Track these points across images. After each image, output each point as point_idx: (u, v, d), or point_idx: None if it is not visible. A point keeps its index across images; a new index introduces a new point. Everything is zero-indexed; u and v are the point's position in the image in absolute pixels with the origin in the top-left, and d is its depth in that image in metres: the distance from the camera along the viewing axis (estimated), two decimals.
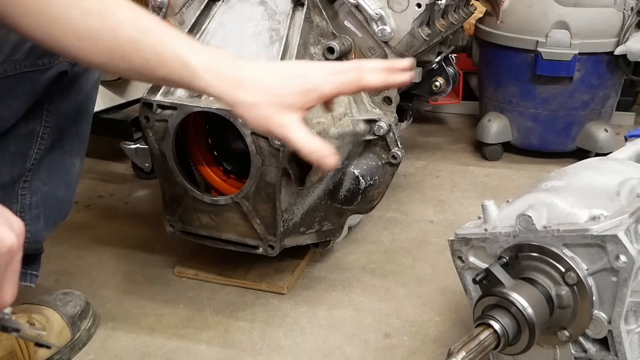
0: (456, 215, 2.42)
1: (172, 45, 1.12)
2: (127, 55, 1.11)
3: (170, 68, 1.12)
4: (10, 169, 1.48)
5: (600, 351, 1.31)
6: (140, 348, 1.69)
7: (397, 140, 1.82)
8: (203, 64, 1.12)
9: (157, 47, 1.11)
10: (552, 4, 2.72)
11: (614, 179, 1.39)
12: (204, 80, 1.12)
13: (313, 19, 1.77)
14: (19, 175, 1.50)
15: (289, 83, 1.16)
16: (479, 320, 1.20)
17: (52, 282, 1.90)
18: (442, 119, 3.58)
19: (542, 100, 2.83)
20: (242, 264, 1.97)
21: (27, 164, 1.50)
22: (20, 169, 1.50)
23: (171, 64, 1.12)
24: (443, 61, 2.44)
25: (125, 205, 2.52)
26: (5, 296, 0.80)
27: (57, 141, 1.53)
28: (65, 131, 1.56)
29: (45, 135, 1.51)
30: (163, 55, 1.11)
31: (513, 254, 1.31)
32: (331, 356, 1.66)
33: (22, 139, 1.48)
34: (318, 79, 1.17)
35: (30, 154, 1.50)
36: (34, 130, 1.49)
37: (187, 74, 1.12)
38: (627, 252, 1.18)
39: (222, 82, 1.13)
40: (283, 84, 1.16)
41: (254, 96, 1.14)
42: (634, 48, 2.66)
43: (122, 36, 1.10)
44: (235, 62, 1.16)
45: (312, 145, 1.16)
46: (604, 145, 2.79)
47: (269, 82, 1.16)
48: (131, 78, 1.35)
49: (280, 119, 1.15)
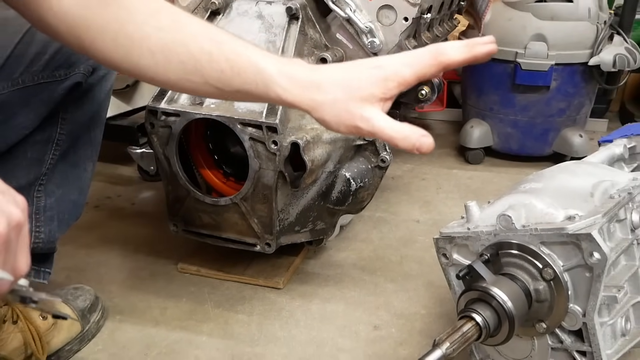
0: (441, 215, 2.42)
1: (247, 54, 1.08)
2: (202, 67, 1.08)
3: (245, 77, 1.07)
4: (27, 173, 1.48)
5: (575, 342, 1.32)
6: (145, 339, 1.68)
7: (385, 145, 1.82)
8: (278, 70, 1.06)
9: (232, 57, 1.07)
10: (530, 17, 2.72)
11: (588, 181, 1.39)
12: (280, 86, 1.06)
13: (307, 32, 1.76)
14: (35, 178, 1.49)
15: (365, 75, 1.07)
16: (462, 313, 1.20)
17: (63, 277, 1.90)
18: (428, 125, 3.58)
19: (521, 107, 2.83)
20: (241, 261, 1.96)
21: (42, 169, 1.50)
22: (36, 173, 1.50)
23: (246, 72, 1.07)
24: None
25: (132, 206, 2.52)
26: (20, 265, 0.80)
27: (71, 147, 1.53)
28: (78, 138, 1.56)
29: (60, 141, 1.50)
30: (238, 65, 1.07)
31: (494, 251, 1.31)
32: (324, 347, 1.65)
33: (38, 145, 1.48)
34: (394, 66, 1.07)
35: (46, 159, 1.49)
36: (50, 137, 1.49)
37: (262, 81, 1.06)
38: (601, 250, 1.18)
39: (298, 87, 1.07)
40: (359, 77, 1.07)
41: (332, 94, 1.06)
42: (606, 59, 2.66)
43: (196, 49, 1.07)
44: (309, 67, 1.10)
45: (403, 131, 1.07)
46: (579, 150, 2.79)
47: (344, 78, 1.07)
48: (206, 95, 1.31)
49: (363, 112, 1.06)
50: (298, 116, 1.68)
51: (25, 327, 1.49)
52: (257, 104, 1.63)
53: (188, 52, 1.07)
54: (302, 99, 1.06)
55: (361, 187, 1.83)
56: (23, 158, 1.46)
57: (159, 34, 1.07)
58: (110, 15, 1.06)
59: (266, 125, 1.61)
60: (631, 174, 1.48)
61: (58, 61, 1.40)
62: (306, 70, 1.08)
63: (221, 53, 1.07)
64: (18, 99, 1.37)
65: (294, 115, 1.67)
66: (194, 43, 1.07)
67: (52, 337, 1.56)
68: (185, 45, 1.07)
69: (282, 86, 1.05)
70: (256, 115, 1.62)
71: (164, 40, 1.07)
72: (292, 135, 1.64)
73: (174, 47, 1.07)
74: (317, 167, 1.70)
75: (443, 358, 1.08)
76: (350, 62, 1.08)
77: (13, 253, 0.79)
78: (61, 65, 1.42)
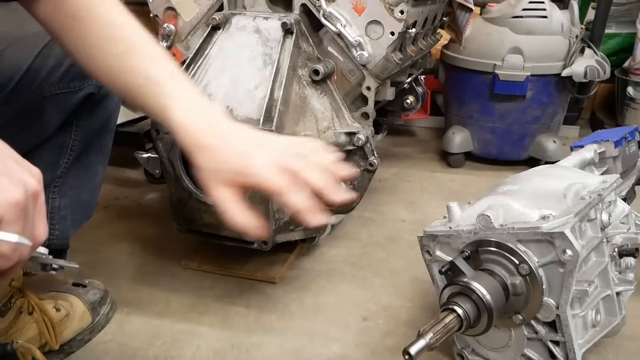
0: (425, 215, 2.41)
1: (160, 90, 1.09)
2: (133, 97, 1.11)
3: (152, 111, 1.11)
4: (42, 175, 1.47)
5: (549, 332, 1.32)
6: (151, 330, 1.68)
7: (373, 150, 1.82)
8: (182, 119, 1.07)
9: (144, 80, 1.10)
10: (508, 32, 2.73)
11: (561, 183, 1.39)
12: (174, 127, 1.08)
13: (301, 45, 1.76)
14: (50, 181, 1.49)
15: (234, 162, 1.04)
16: (444, 306, 1.20)
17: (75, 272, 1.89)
18: (413, 132, 3.58)
19: (499, 115, 2.83)
20: (239, 257, 1.96)
21: (57, 172, 1.50)
22: (52, 176, 1.50)
23: (155, 109, 1.09)
24: (413, 82, 2.45)
25: (138, 206, 2.51)
26: (39, 232, 0.80)
27: (83, 152, 1.53)
28: (91, 144, 1.56)
29: (74, 147, 1.51)
30: (148, 94, 1.09)
31: (474, 248, 1.31)
32: (316, 337, 1.65)
33: (53, 150, 1.48)
34: (261, 173, 1.02)
35: (61, 163, 1.50)
36: (65, 142, 1.49)
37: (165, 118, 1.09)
38: (573, 247, 1.18)
39: (186, 135, 1.07)
40: (229, 162, 1.04)
41: (202, 163, 1.05)
42: (578, 70, 2.66)
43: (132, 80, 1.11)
44: (210, 121, 1.09)
45: (239, 222, 1.02)
46: (553, 155, 2.79)
47: (218, 155, 1.05)
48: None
49: (216, 192, 1.05)
50: (292, 123, 1.68)
51: (40, 317, 1.49)
52: (256, 113, 1.63)
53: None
54: (187, 148, 1.07)
55: (351, 189, 1.83)
56: (39, 162, 1.46)
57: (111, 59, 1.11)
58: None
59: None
60: (601, 177, 1.48)
61: (73, 74, 1.41)
62: (204, 124, 1.08)
63: (148, 90, 1.09)
64: (36, 108, 1.37)
65: (289, 122, 1.67)
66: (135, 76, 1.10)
67: (64, 328, 1.56)
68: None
69: (175, 130, 1.07)
70: (254, 122, 1.62)
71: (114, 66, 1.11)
72: None
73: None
74: None
75: (427, 347, 1.08)
76: (239, 136, 1.08)
77: (31, 220, 0.79)
78: (76, 77, 1.42)
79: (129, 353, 1.59)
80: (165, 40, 2.01)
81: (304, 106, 1.74)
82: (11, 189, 0.75)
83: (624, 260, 1.45)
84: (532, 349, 1.37)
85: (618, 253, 1.41)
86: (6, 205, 0.73)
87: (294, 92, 1.72)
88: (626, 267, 1.46)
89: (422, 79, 2.60)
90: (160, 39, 2.02)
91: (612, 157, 1.75)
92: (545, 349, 1.34)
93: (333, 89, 1.83)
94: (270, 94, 1.64)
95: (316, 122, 1.74)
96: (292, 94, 1.71)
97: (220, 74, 1.74)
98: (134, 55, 1.11)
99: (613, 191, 1.44)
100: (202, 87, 1.74)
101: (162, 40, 2.01)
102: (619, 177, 1.49)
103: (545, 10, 2.71)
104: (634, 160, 1.86)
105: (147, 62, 1.11)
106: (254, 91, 1.67)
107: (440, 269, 1.33)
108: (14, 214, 0.74)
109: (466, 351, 1.49)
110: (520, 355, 1.38)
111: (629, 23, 3.44)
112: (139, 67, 1.11)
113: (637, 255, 1.40)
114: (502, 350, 1.41)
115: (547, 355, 1.35)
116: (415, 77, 2.46)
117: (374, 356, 1.56)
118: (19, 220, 0.75)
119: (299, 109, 1.72)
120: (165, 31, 1.99)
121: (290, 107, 1.69)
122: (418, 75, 2.51)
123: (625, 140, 1.79)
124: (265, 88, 1.66)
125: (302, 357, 1.57)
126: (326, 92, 1.81)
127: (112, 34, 1.12)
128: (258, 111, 1.63)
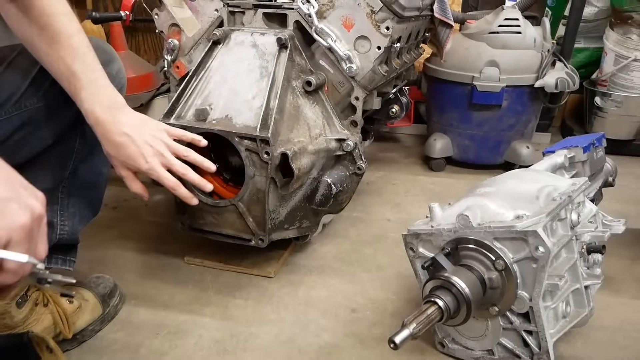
0: (409, 215, 2.42)
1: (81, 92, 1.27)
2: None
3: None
4: (52, 176, 1.47)
5: (523, 323, 1.32)
6: (156, 320, 1.67)
7: (361, 155, 1.82)
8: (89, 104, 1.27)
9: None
10: (485, 47, 2.73)
11: (534, 186, 1.40)
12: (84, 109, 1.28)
13: (294, 59, 1.76)
14: (59, 181, 1.49)
15: (125, 155, 1.32)
16: (427, 299, 1.20)
17: (86, 268, 1.89)
18: (397, 138, 3.58)
19: (477, 123, 2.83)
20: (238, 254, 1.96)
21: (65, 173, 1.49)
22: (60, 177, 1.49)
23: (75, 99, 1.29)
24: (398, 92, 2.45)
25: (145, 207, 2.50)
26: (40, 251, 0.82)
27: (89, 155, 1.52)
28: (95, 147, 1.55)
29: (80, 150, 1.50)
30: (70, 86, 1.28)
31: (454, 245, 1.31)
32: (309, 327, 1.65)
33: (61, 153, 1.47)
34: (140, 164, 1.34)
35: (68, 165, 1.49)
36: (71, 146, 1.48)
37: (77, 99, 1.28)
38: (545, 244, 1.19)
39: (95, 126, 1.30)
40: (123, 154, 1.33)
41: (109, 151, 1.34)
42: (549, 82, 2.67)
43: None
44: (114, 115, 1.30)
45: (134, 190, 1.42)
46: (526, 159, 2.79)
47: (117, 149, 1.32)
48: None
49: (119, 171, 1.38)
50: (287, 131, 1.68)
51: (54, 309, 1.49)
52: (253, 121, 1.63)
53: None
54: (97, 136, 1.33)
55: (341, 191, 1.83)
56: (48, 164, 1.45)
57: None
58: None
59: (260, 138, 1.60)
60: (570, 180, 1.49)
61: None
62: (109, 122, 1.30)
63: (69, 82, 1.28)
64: (43, 114, 1.36)
65: (284, 129, 1.67)
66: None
67: (77, 319, 1.56)
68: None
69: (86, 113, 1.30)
70: (251, 130, 1.62)
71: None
72: (282, 147, 1.64)
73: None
74: (303, 174, 1.70)
75: (410, 336, 1.08)
76: (126, 128, 1.32)
77: (35, 241, 0.81)
78: None
79: (136, 342, 1.59)
80: (169, 54, 2.01)
81: (297, 115, 1.74)
82: (20, 213, 0.77)
83: (592, 257, 1.45)
84: (508, 338, 1.37)
85: (586, 250, 1.41)
86: (16, 228, 0.76)
87: (289, 101, 1.72)
88: (594, 263, 1.46)
89: (406, 89, 2.60)
90: (165, 52, 2.02)
91: (581, 162, 1.75)
92: (520, 338, 1.35)
93: (324, 98, 1.83)
94: (267, 103, 1.64)
95: (309, 129, 1.75)
96: (287, 104, 1.71)
97: (220, 85, 1.74)
98: (65, 52, 1.26)
99: (582, 193, 1.44)
100: (204, 97, 1.74)
101: (167, 54, 2.02)
102: (587, 180, 1.49)
103: (520, 26, 2.72)
104: (600, 165, 1.86)
105: (72, 57, 1.26)
106: (252, 101, 1.67)
107: (423, 264, 1.33)
108: (21, 236, 0.77)
109: (447, 340, 1.49)
110: (497, 344, 1.39)
111: (597, 38, 3.45)
112: (67, 63, 1.26)
113: (604, 252, 1.40)
114: (480, 339, 1.41)
115: (521, 344, 1.36)
116: (400, 88, 2.46)
117: (362, 345, 1.56)
118: (25, 241, 0.77)
119: (293, 117, 1.72)
120: (170, 46, 1.99)
121: (285, 116, 1.69)
122: (402, 86, 2.51)
123: (593, 146, 1.80)
124: (262, 98, 1.66)
125: (295, 346, 1.57)
126: (318, 102, 1.82)
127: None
128: (255, 119, 1.63)
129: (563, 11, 3.46)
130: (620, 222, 1.54)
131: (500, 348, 1.39)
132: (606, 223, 1.53)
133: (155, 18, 2.01)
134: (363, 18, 1.77)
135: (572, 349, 1.54)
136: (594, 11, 3.43)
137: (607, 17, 3.35)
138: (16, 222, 0.76)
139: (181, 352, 1.55)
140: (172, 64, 2.03)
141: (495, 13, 2.81)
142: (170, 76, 2.06)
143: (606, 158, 1.91)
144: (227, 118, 1.67)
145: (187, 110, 1.72)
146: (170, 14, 1.98)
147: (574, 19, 3.01)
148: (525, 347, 1.35)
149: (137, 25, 3.58)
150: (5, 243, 0.75)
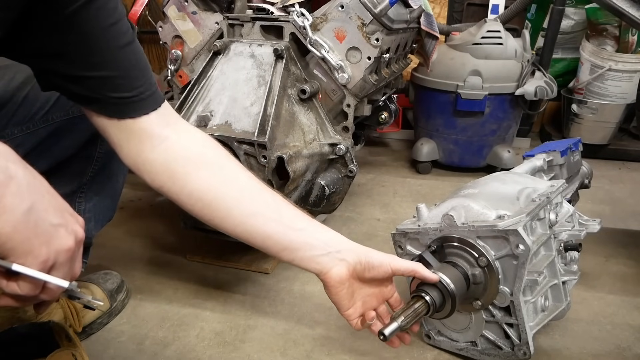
0: (397, 214, 2.42)
1: None
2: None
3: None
4: (71, 183, 1.47)
5: (504, 316, 1.32)
6: (161, 314, 1.67)
7: (353, 159, 1.82)
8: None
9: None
10: (469, 57, 2.73)
11: (515, 187, 1.40)
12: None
13: (290, 68, 1.76)
14: (78, 187, 1.48)
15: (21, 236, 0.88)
16: (414, 293, 1.20)
17: (95, 265, 1.88)
18: (387, 143, 3.58)
19: (461, 129, 2.84)
20: (237, 252, 1.95)
21: (83, 179, 1.49)
22: (79, 183, 1.48)
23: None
24: (387, 100, 2.45)
25: (150, 207, 2.50)
26: (76, 270, 0.83)
27: (107, 163, 1.52)
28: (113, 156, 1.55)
29: (98, 159, 1.49)
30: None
31: (439, 243, 1.31)
32: (303, 320, 1.64)
33: (81, 160, 1.46)
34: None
35: (87, 171, 1.48)
36: (91, 154, 1.47)
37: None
38: (525, 242, 1.19)
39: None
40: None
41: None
42: (529, 90, 2.67)
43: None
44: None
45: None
46: (507, 163, 2.80)
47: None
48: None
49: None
50: (283, 136, 1.68)
51: (65, 304, 1.49)
52: (251, 127, 1.63)
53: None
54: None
55: (333, 193, 1.83)
56: (68, 171, 1.45)
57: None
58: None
59: (257, 143, 1.60)
60: (549, 182, 1.49)
61: None
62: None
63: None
64: (67, 126, 1.36)
65: (280, 135, 1.66)
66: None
67: (86, 313, 1.56)
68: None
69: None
70: (249, 135, 1.62)
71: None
72: (278, 151, 1.63)
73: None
74: (298, 176, 1.69)
75: (399, 329, 1.08)
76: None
77: (74, 262, 0.82)
78: None
79: (142, 334, 1.58)
80: (173, 64, 2.01)
81: (292, 121, 1.73)
82: (66, 238, 0.78)
83: (569, 254, 1.45)
84: (490, 330, 1.37)
85: (564, 247, 1.41)
86: (62, 252, 0.77)
87: (284, 108, 1.71)
88: (571, 260, 1.46)
89: (394, 97, 2.60)
90: (168, 62, 2.02)
91: (558, 165, 1.75)
92: (501, 330, 1.35)
93: (318, 106, 1.83)
94: (264, 110, 1.64)
95: (303, 135, 1.74)
96: (283, 110, 1.70)
97: (220, 93, 1.74)
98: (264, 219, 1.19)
99: (559, 194, 1.44)
100: (205, 104, 1.73)
101: (170, 64, 2.01)
102: (564, 182, 1.49)
103: (501, 38, 2.73)
104: (577, 168, 1.86)
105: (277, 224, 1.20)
106: (250, 108, 1.67)
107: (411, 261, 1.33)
108: (66, 258, 0.78)
109: (433, 332, 1.49)
110: (480, 336, 1.39)
111: (574, 49, 3.45)
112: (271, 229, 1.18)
113: (580, 249, 1.40)
114: (464, 331, 1.41)
115: (503, 336, 1.35)
116: (389, 95, 2.47)
117: (353, 336, 1.56)
118: (67, 262, 0.79)
119: (288, 123, 1.71)
120: (173, 56, 1.99)
121: (281, 122, 1.69)
122: (391, 94, 2.51)
123: (570, 150, 1.79)
124: (260, 105, 1.66)
125: (291, 337, 1.57)
126: (312, 109, 1.81)
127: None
128: (253, 125, 1.63)
129: (542, 24, 3.47)
130: (596, 222, 1.54)
131: (483, 340, 1.39)
132: (582, 222, 1.53)
133: (160, 30, 2.01)
134: (354, 30, 1.77)
135: (551, 340, 1.54)
136: (571, 24, 3.43)
137: (584, 30, 3.36)
138: (64, 246, 0.77)
139: (184, 343, 1.54)
140: (175, 73, 2.03)
141: (478, 26, 2.82)
142: (173, 84, 2.06)
143: (582, 161, 1.91)
144: (227, 124, 1.67)
145: (189, 116, 1.72)
146: (174, 27, 1.98)
147: (552, 31, 3.01)
148: (506, 338, 1.35)
149: (143, 36, 3.57)
150: (51, 265, 0.76)
